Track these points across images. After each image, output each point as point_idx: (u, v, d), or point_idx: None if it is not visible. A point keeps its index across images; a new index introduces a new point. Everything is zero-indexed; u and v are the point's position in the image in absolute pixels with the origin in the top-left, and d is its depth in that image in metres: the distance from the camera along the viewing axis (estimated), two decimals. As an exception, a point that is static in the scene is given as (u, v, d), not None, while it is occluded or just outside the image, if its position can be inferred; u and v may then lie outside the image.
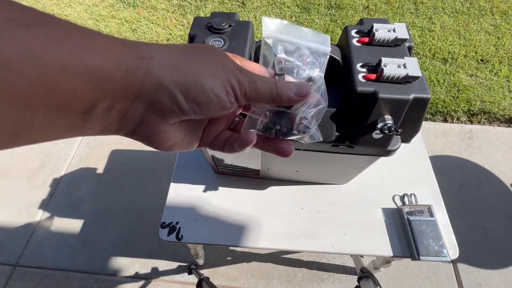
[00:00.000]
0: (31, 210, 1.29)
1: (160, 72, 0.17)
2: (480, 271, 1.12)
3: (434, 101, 1.57)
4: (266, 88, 0.21)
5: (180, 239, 0.62)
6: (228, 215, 0.66)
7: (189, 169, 0.73)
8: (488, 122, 1.53)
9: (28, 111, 0.14)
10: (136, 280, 1.14)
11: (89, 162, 1.42)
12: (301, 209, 0.67)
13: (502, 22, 1.87)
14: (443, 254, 0.58)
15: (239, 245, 0.62)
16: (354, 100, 0.42)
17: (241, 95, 0.20)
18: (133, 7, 2.03)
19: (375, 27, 0.44)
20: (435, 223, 0.62)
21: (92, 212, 1.29)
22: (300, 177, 0.68)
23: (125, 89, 0.17)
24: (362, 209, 0.67)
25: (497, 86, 1.60)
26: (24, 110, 0.14)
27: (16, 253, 1.19)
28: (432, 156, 1.40)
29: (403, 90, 0.40)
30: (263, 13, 1.95)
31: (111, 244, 1.21)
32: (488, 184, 1.33)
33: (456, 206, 1.27)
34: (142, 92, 0.17)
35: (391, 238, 0.63)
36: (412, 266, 1.14)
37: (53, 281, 1.14)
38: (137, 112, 0.18)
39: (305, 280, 1.13)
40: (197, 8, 2.00)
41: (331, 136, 0.46)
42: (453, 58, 1.71)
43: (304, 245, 0.63)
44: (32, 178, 1.37)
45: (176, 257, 1.18)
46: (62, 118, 0.15)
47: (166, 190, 0.69)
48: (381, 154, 0.49)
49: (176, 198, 0.68)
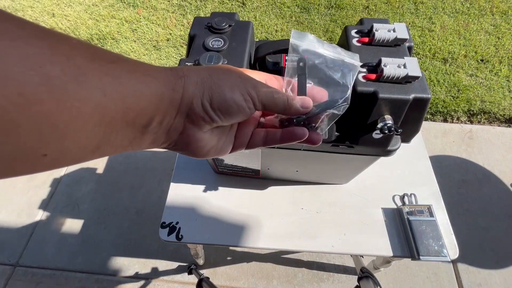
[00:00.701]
0: (31, 210, 1.29)
1: (193, 88, 0.21)
2: (480, 271, 1.12)
3: (434, 101, 1.57)
4: (279, 99, 0.24)
5: (180, 239, 0.62)
6: (228, 215, 0.66)
7: (189, 169, 0.73)
8: (488, 122, 1.53)
9: (109, 128, 0.18)
10: (136, 280, 1.14)
11: (89, 162, 1.42)
12: (301, 209, 0.67)
13: (502, 22, 1.87)
14: (443, 254, 0.58)
15: (239, 245, 0.62)
16: (354, 100, 0.42)
17: (258, 102, 0.23)
18: (133, 7, 2.03)
19: (375, 27, 0.44)
20: (435, 223, 0.62)
21: (92, 212, 1.29)
22: (300, 177, 0.68)
23: (172, 104, 0.21)
24: (362, 209, 0.67)
25: (497, 86, 1.60)
26: (108, 127, 0.18)
27: (16, 253, 1.19)
28: (432, 156, 1.40)
29: (403, 90, 0.40)
30: (263, 13, 1.95)
31: (111, 244, 1.21)
32: (488, 184, 1.33)
33: (456, 206, 1.27)
34: (182, 106, 0.21)
35: (391, 238, 0.63)
36: (412, 266, 1.14)
37: (53, 281, 1.14)
38: (179, 124, 0.22)
39: (305, 280, 1.13)
40: (197, 8, 2.00)
41: (331, 136, 0.46)
42: (453, 58, 1.71)
43: (304, 245, 0.63)
44: (32, 178, 1.37)
45: (176, 257, 1.18)
46: (129, 132, 0.19)
47: (166, 190, 0.69)
48: (381, 154, 0.49)
49: (176, 198, 0.68)
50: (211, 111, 0.22)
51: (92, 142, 0.17)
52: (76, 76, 0.15)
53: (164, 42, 1.85)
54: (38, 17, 2.01)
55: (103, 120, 0.17)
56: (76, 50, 0.16)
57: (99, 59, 0.17)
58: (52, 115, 0.15)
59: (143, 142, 0.21)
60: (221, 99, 0.22)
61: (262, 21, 1.91)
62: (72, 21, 1.98)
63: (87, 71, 0.16)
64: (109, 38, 1.87)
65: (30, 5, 2.07)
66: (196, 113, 0.22)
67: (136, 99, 0.18)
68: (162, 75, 0.20)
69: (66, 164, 0.18)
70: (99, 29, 1.92)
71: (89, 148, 0.18)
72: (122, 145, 0.20)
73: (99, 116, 0.17)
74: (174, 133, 0.22)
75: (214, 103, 0.22)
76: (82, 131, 0.16)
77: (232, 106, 0.22)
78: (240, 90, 0.22)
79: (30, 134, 0.14)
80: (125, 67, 0.18)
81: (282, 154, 0.54)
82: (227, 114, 0.22)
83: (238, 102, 0.22)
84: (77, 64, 0.16)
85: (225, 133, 0.26)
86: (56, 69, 0.15)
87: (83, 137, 0.17)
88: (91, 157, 0.19)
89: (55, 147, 0.16)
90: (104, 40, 1.87)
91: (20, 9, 2.06)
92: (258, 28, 1.89)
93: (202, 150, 0.25)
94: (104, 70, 0.17)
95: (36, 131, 0.15)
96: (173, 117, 0.21)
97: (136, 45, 1.85)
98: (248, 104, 0.23)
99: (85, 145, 0.17)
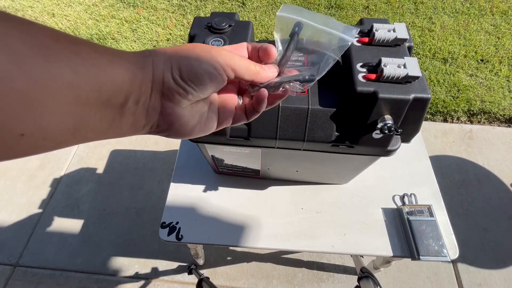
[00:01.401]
0: (31, 210, 1.29)
1: (162, 65, 0.22)
2: (480, 271, 1.12)
3: (434, 101, 1.57)
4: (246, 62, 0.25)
5: (180, 239, 0.62)
6: (228, 215, 0.66)
7: (189, 169, 0.73)
8: (488, 122, 1.53)
9: (86, 108, 0.18)
10: (136, 280, 1.14)
11: (89, 162, 1.42)
12: (301, 209, 0.67)
13: (502, 22, 1.87)
14: (443, 254, 0.58)
15: (239, 245, 0.62)
16: (354, 100, 0.42)
17: (227, 67, 0.24)
18: (133, 7, 2.03)
19: (375, 27, 0.44)
20: (435, 223, 0.62)
21: (92, 212, 1.29)
22: (300, 177, 0.68)
23: (144, 83, 0.21)
24: (362, 209, 0.67)
25: (497, 86, 1.60)
26: (84, 108, 0.18)
27: (16, 253, 1.19)
28: (432, 156, 1.40)
29: (403, 90, 0.40)
30: (263, 13, 1.95)
31: (111, 244, 1.21)
32: (488, 184, 1.33)
33: (456, 206, 1.27)
34: (155, 84, 0.22)
35: (391, 238, 0.63)
36: (412, 266, 1.14)
37: (53, 281, 1.14)
38: (156, 103, 0.23)
39: (305, 280, 1.13)
40: (197, 8, 2.00)
41: (331, 136, 0.46)
42: (453, 58, 1.71)
43: (304, 245, 0.63)
44: (32, 178, 1.38)
45: (176, 257, 1.18)
46: (106, 113, 0.20)
47: (166, 190, 0.69)
48: (381, 154, 0.49)
49: (176, 198, 0.68)
50: (182, 83, 0.22)
51: (70, 123, 0.18)
52: (46, 55, 0.16)
53: (164, 42, 1.85)
54: (38, 17, 2.01)
55: (78, 101, 0.17)
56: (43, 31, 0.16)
57: (66, 40, 0.17)
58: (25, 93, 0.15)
59: (124, 125, 0.22)
60: (189, 69, 0.22)
61: (262, 21, 1.91)
62: (72, 21, 1.98)
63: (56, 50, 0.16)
64: (109, 38, 1.87)
65: (30, 5, 2.07)
66: (170, 88, 0.22)
67: (109, 78, 0.19)
68: (130, 56, 0.21)
69: (47, 148, 0.18)
70: (99, 29, 1.92)
71: (67, 130, 0.18)
72: (102, 129, 0.20)
73: (73, 95, 0.17)
74: (153, 113, 0.23)
75: (184, 74, 0.22)
76: (58, 111, 0.17)
77: (201, 74, 0.23)
78: (206, 58, 0.23)
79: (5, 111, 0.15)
80: (93, 48, 0.19)
81: (282, 154, 0.54)
82: (198, 83, 0.23)
83: (206, 69, 0.23)
84: (45, 44, 0.16)
85: (206, 109, 0.26)
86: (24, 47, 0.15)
87: (59, 117, 0.17)
88: (72, 141, 0.19)
89: (32, 127, 0.16)
90: (104, 40, 1.87)
91: (20, 9, 2.06)
92: (258, 28, 1.89)
93: (186, 128, 0.25)
94: (73, 49, 0.17)
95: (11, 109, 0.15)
96: (149, 96, 0.22)
97: (136, 45, 1.85)
98: (218, 71, 0.24)
99: (63, 126, 0.18)
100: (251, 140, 0.49)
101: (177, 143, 1.35)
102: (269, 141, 0.49)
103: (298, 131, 0.46)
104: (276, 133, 0.47)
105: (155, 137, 1.50)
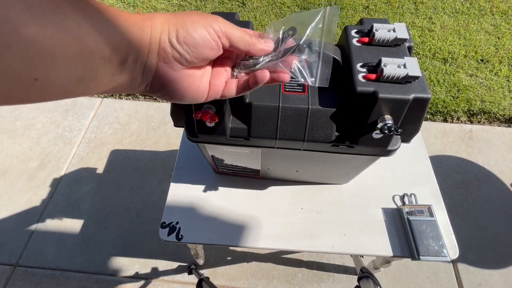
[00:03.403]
0: (31, 210, 1.29)
1: (160, 27, 0.23)
2: (480, 271, 1.12)
3: (434, 101, 1.57)
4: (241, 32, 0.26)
5: (180, 239, 0.62)
6: (228, 215, 0.66)
7: (189, 169, 0.73)
8: (488, 122, 1.53)
9: (89, 61, 0.20)
10: (136, 280, 1.14)
11: (89, 162, 1.42)
12: (301, 209, 0.67)
13: (502, 22, 1.87)
14: (443, 254, 0.58)
15: (239, 245, 0.62)
16: (354, 100, 0.42)
17: (222, 35, 0.25)
18: (133, 7, 2.03)
19: (375, 27, 0.44)
20: (435, 223, 0.62)
21: (92, 212, 1.29)
22: (300, 177, 0.68)
23: (142, 43, 0.22)
24: (362, 209, 0.67)
25: (497, 86, 1.60)
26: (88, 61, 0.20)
27: (16, 253, 1.19)
28: (432, 156, 1.40)
29: (403, 90, 0.40)
30: (263, 13, 1.95)
31: (111, 244, 1.21)
32: (488, 184, 1.33)
33: (456, 206, 1.27)
34: (152, 45, 0.23)
35: (391, 238, 0.63)
36: (412, 266, 1.14)
37: (53, 281, 1.14)
38: (152, 64, 0.24)
39: (305, 280, 1.13)
40: (197, 8, 2.00)
41: (331, 136, 0.46)
42: (453, 58, 1.71)
43: (304, 245, 0.63)
44: (32, 178, 1.37)
45: (176, 257, 1.18)
46: (108, 68, 0.21)
47: (166, 190, 0.69)
48: (381, 154, 0.49)
49: (176, 198, 0.68)
50: (178, 45, 0.24)
51: (75, 74, 0.19)
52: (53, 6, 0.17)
53: (164, 42, 1.85)
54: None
55: (83, 53, 0.19)
56: None
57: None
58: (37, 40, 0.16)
59: (123, 80, 0.23)
60: (186, 33, 0.24)
61: (262, 21, 1.91)
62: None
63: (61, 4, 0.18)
64: (109, 38, 1.87)
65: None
66: (165, 50, 0.24)
67: (110, 35, 0.20)
68: (130, 16, 0.22)
69: (55, 95, 0.20)
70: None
71: (73, 79, 0.20)
72: (104, 81, 0.22)
73: (78, 47, 0.19)
74: (149, 73, 0.24)
75: (180, 37, 0.24)
76: (65, 61, 0.18)
77: (197, 38, 0.24)
78: (202, 24, 0.24)
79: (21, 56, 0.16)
80: (96, 6, 0.20)
81: (282, 154, 0.54)
82: (193, 47, 0.24)
83: (202, 35, 0.24)
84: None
85: (199, 77, 0.28)
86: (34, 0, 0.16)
87: (67, 67, 0.19)
88: (76, 90, 0.21)
89: (44, 73, 0.18)
90: (104, 40, 1.87)
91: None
92: (258, 28, 1.89)
93: (177, 91, 0.26)
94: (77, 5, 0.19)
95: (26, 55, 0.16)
96: (146, 56, 0.23)
97: (136, 45, 1.85)
98: (213, 37, 0.25)
99: (69, 75, 0.19)
100: (251, 140, 0.49)
101: (177, 143, 1.34)
102: (269, 141, 0.49)
103: (298, 131, 0.46)
104: (276, 133, 0.47)
105: (155, 137, 1.50)
